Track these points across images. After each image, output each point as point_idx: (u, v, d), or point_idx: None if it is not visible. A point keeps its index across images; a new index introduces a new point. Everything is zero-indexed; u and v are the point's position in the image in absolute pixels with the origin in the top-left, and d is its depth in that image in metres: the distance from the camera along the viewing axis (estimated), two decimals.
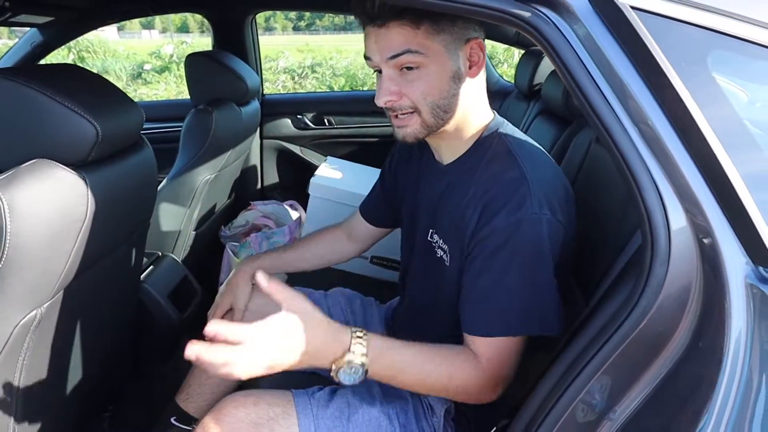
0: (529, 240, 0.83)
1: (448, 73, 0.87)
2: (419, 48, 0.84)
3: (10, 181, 0.83)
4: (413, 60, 0.84)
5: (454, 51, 0.86)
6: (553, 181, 0.91)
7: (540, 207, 0.84)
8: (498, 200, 0.86)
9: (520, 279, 0.84)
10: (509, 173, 0.88)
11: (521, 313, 0.85)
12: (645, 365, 0.70)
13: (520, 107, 2.26)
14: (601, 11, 0.66)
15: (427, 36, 0.83)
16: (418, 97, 0.87)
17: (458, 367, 0.86)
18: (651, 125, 0.66)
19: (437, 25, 0.83)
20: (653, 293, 0.66)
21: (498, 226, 0.85)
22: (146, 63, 12.38)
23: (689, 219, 0.66)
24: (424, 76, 0.86)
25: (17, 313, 0.89)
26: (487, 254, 0.86)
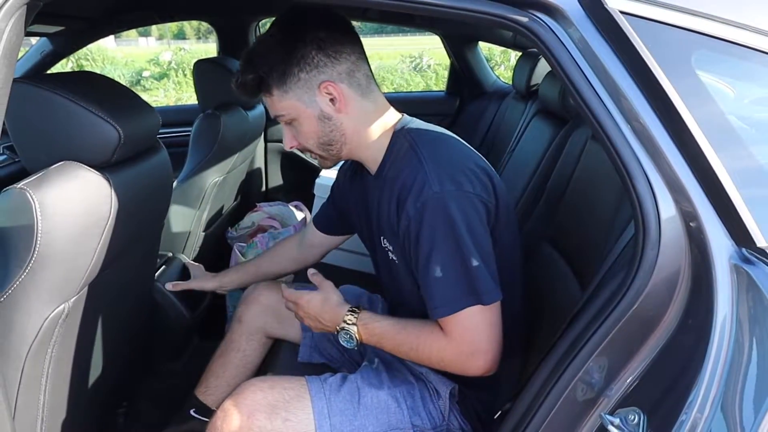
0: (440, 219, 0.90)
1: (313, 118, 0.99)
2: (280, 111, 1.00)
3: (41, 182, 0.88)
4: (285, 119, 1.01)
5: (310, 99, 0.98)
6: (457, 158, 0.97)
7: (441, 185, 0.90)
8: (404, 190, 0.94)
9: (445, 258, 0.90)
10: (408, 164, 0.96)
11: (456, 289, 0.90)
12: (640, 343, 0.76)
13: (518, 108, 2.31)
14: (593, 16, 0.72)
15: (281, 98, 0.98)
16: (305, 142, 1.03)
17: (427, 339, 0.95)
18: (641, 121, 0.71)
19: (285, 86, 0.97)
20: (645, 275, 0.72)
21: (410, 214, 0.92)
22: (145, 70, 12.45)
23: (677, 206, 0.71)
24: (299, 127, 1.01)
25: (47, 307, 0.94)
26: (413, 243, 0.93)
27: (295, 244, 1.45)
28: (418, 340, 0.96)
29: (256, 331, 1.37)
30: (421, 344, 0.96)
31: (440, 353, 0.94)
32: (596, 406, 0.80)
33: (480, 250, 0.90)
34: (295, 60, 0.95)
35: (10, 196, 0.86)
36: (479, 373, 0.94)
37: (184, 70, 11.41)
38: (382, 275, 1.17)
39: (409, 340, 0.97)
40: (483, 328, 0.92)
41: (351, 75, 0.98)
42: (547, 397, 0.81)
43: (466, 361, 0.94)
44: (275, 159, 2.84)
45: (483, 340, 0.93)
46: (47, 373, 1.00)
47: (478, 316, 0.91)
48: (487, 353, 0.93)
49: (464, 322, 0.91)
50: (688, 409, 0.68)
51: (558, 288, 1.17)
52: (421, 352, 0.96)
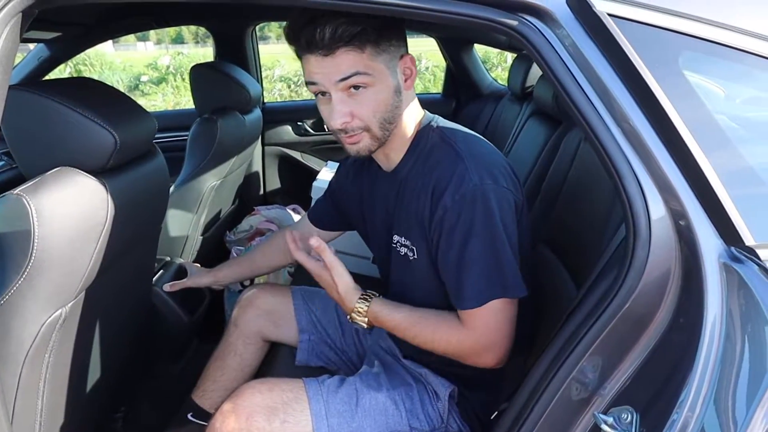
0: (479, 211, 0.91)
1: (391, 87, 0.94)
2: (366, 69, 0.90)
3: (37, 188, 0.89)
4: (362, 81, 0.90)
5: (393, 68, 0.94)
6: (490, 155, 0.99)
7: (480, 178, 0.91)
8: (441, 182, 0.94)
9: (480, 249, 0.91)
10: (446, 156, 0.96)
11: (487, 280, 0.92)
12: (632, 343, 0.76)
13: (513, 109, 2.32)
14: (582, 19, 0.72)
15: (371, 57, 0.90)
16: (369, 115, 0.93)
17: (446, 332, 0.96)
18: (631, 122, 0.72)
19: (378, 47, 0.91)
20: (636, 274, 0.72)
21: (447, 205, 0.92)
22: (143, 74, 12.46)
23: (667, 206, 0.72)
24: (372, 95, 0.92)
25: (44, 312, 0.94)
26: (446, 234, 0.94)
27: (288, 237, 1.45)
28: (434, 334, 0.98)
29: (253, 334, 1.37)
30: (438, 337, 0.97)
31: (458, 344, 0.96)
32: (590, 405, 0.80)
33: (511, 244, 0.92)
34: (387, 27, 0.91)
35: (7, 202, 0.86)
36: (490, 366, 0.96)
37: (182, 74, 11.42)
38: (390, 273, 1.15)
39: (425, 333, 0.98)
40: (504, 323, 0.94)
41: None
42: (541, 397, 0.82)
43: (482, 354, 0.95)
44: (273, 163, 2.84)
45: (502, 334, 0.95)
46: (45, 377, 1.00)
47: (503, 310, 0.93)
48: (502, 348, 0.95)
49: (489, 314, 0.93)
50: (680, 408, 0.69)
51: (554, 288, 1.18)
52: (438, 344, 0.98)
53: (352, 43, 0.88)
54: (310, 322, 1.35)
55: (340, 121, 0.93)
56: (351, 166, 1.25)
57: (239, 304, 1.40)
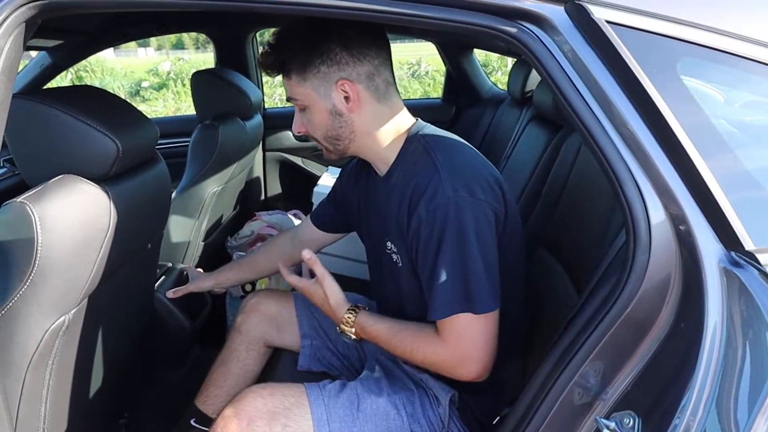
0: (451, 223, 0.91)
1: (325, 111, 1.01)
2: (294, 95, 1.02)
3: (40, 196, 0.89)
4: (297, 104, 1.03)
5: (325, 92, 1.00)
6: (471, 166, 0.99)
7: (455, 191, 0.92)
8: (416, 193, 0.95)
9: (452, 261, 0.91)
10: (423, 167, 0.97)
11: (453, 293, 0.92)
12: (633, 347, 0.77)
13: (513, 114, 2.33)
14: (580, 26, 0.73)
15: (297, 84, 1.00)
16: (312, 131, 1.06)
17: (423, 343, 0.98)
18: (630, 128, 0.72)
19: (303, 74, 0.99)
20: (637, 279, 0.73)
21: (421, 216, 0.94)
22: (144, 80, 12.49)
23: (667, 211, 0.72)
24: (309, 116, 1.03)
25: (47, 319, 0.94)
26: (422, 245, 0.95)
27: (290, 239, 1.46)
28: (413, 345, 0.99)
29: (256, 340, 1.37)
30: (417, 348, 0.99)
31: (434, 356, 0.97)
32: (592, 410, 0.80)
33: (484, 260, 0.92)
34: (319, 52, 0.97)
35: (11, 209, 0.87)
36: (469, 379, 0.96)
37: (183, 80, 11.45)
38: (381, 277, 1.17)
39: (404, 344, 1.00)
40: (476, 337, 0.93)
41: (370, 78, 1.00)
42: (543, 402, 0.82)
43: (458, 367, 0.96)
44: (274, 168, 2.85)
45: (476, 348, 0.94)
46: (48, 384, 1.01)
47: (473, 324, 0.92)
48: (479, 362, 0.94)
49: (458, 327, 0.93)
50: (682, 412, 0.69)
51: (555, 293, 1.18)
52: (416, 355, 0.99)
53: (280, 71, 1.01)
54: (312, 327, 1.35)
55: (296, 130, 1.08)
56: (353, 169, 1.27)
57: (242, 310, 1.40)
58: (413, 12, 0.74)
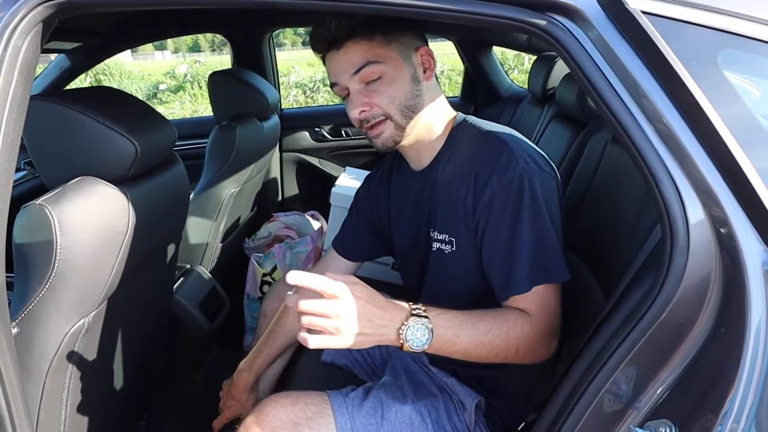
0: (527, 194, 0.90)
1: (407, 76, 0.96)
2: (377, 58, 0.93)
3: (59, 198, 0.88)
4: (374, 70, 0.93)
5: (407, 57, 0.97)
6: (530, 145, 1.00)
7: (526, 163, 0.92)
8: (485, 168, 0.93)
9: (529, 231, 0.90)
10: (489, 143, 0.96)
11: (537, 263, 0.90)
12: (669, 353, 0.73)
13: (534, 112, 2.29)
14: (614, 17, 0.70)
15: (381, 46, 0.93)
16: (387, 102, 0.95)
17: (515, 322, 0.89)
18: (666, 123, 0.69)
19: (388, 36, 0.94)
20: (674, 283, 0.69)
21: (494, 189, 0.92)
22: (161, 83, 12.63)
23: (706, 211, 0.69)
24: (388, 83, 0.94)
25: (67, 322, 0.94)
26: (495, 219, 0.92)
27: None
28: (506, 323, 0.88)
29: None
30: (511, 326, 0.88)
31: (529, 333, 0.89)
32: (625, 418, 0.77)
33: (555, 230, 0.92)
34: (397, 18, 0.92)
35: (30, 212, 0.87)
36: (549, 356, 0.94)
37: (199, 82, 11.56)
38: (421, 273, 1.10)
39: (494, 326, 0.87)
40: (556, 307, 0.93)
41: (431, 55, 1.01)
42: (574, 409, 0.79)
43: (549, 342, 0.93)
44: (291, 169, 2.84)
45: (558, 318, 0.93)
46: (68, 387, 1.00)
47: (554, 294, 0.93)
48: (557, 332, 0.94)
49: (544, 299, 0.92)
50: (724, 419, 0.66)
51: (581, 295, 1.14)
52: (511, 336, 0.87)
53: (359, 32, 0.91)
54: None
55: (358, 110, 0.95)
56: (378, 176, 1.23)
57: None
58: (440, 5, 0.72)
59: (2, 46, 0.72)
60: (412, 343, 0.81)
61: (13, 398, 0.82)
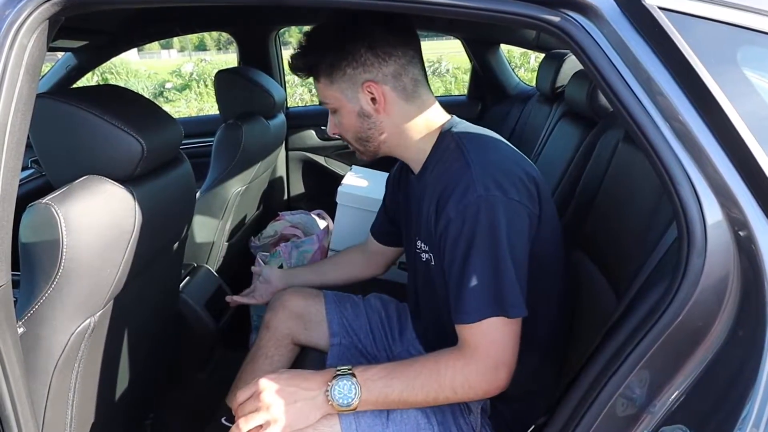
0: (482, 223, 0.87)
1: (352, 113, 1.01)
2: (324, 99, 1.03)
3: (65, 197, 0.88)
4: (328, 107, 1.04)
5: (353, 95, 1.00)
6: (505, 163, 0.94)
7: (486, 189, 0.88)
8: (446, 191, 0.92)
9: (483, 262, 0.87)
10: (454, 164, 0.94)
11: (488, 295, 0.87)
12: (685, 357, 0.72)
13: (542, 110, 2.27)
14: (629, 13, 0.68)
15: (326, 87, 1.01)
16: (344, 133, 1.06)
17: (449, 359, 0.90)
18: (683, 121, 0.67)
19: (331, 77, 0.99)
20: (691, 285, 0.68)
21: (450, 215, 0.90)
22: (167, 82, 12.68)
23: (724, 212, 0.67)
24: (339, 118, 1.04)
25: (73, 322, 0.93)
26: (450, 245, 0.91)
27: (360, 251, 1.47)
28: (437, 364, 0.91)
29: (284, 337, 1.35)
30: (441, 367, 0.90)
31: (464, 370, 0.89)
32: (639, 423, 0.76)
33: (515, 261, 0.88)
34: (344, 54, 0.97)
35: (36, 211, 0.86)
36: (500, 389, 0.91)
37: (205, 80, 11.59)
38: (415, 279, 1.14)
39: (424, 370, 0.91)
40: (507, 340, 0.90)
41: (397, 78, 0.99)
42: (586, 413, 0.78)
43: (492, 377, 0.90)
44: (297, 168, 2.83)
45: (507, 353, 0.90)
46: (74, 387, 1.00)
47: (503, 327, 0.89)
48: (509, 367, 0.90)
49: (491, 332, 0.88)
50: (743, 424, 0.65)
51: (591, 296, 1.13)
52: (442, 376, 0.90)
53: (309, 74, 1.02)
54: (341, 326, 1.33)
55: (330, 131, 1.08)
56: (396, 174, 1.28)
57: (271, 307, 1.39)
58: (451, 2, 0.70)
59: (8, 44, 0.71)
60: (341, 400, 0.89)
61: (18, 398, 0.81)
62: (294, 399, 0.90)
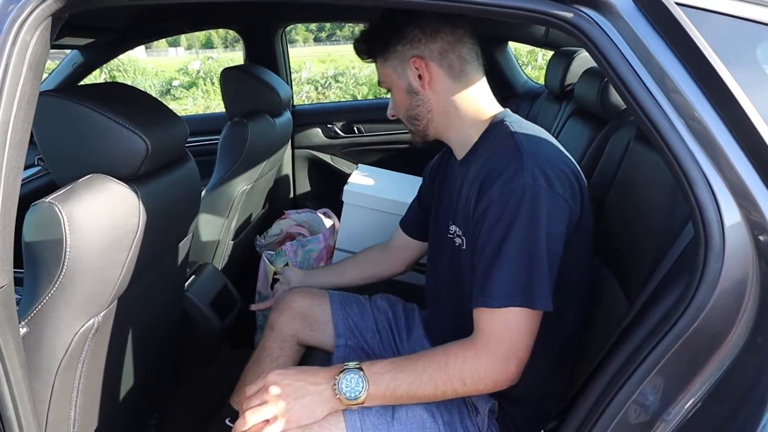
0: (524, 210, 0.86)
1: (402, 90, 1.05)
2: (381, 77, 1.09)
3: (69, 196, 0.87)
4: (384, 86, 1.09)
5: (402, 71, 1.04)
6: (553, 158, 0.94)
7: (534, 178, 0.87)
8: (493, 173, 0.91)
9: (517, 249, 0.86)
10: (505, 149, 0.94)
11: (518, 284, 0.86)
12: (701, 364, 0.70)
13: (551, 108, 2.24)
14: (646, 9, 0.66)
15: (382, 66, 1.07)
16: (396, 112, 1.11)
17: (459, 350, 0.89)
18: (700, 120, 0.65)
19: (385, 55, 1.05)
20: (708, 290, 0.66)
21: (493, 198, 0.89)
22: (174, 79, 12.69)
23: (743, 214, 0.65)
24: (393, 97, 1.09)
25: (77, 322, 0.92)
26: (487, 227, 0.90)
27: (379, 249, 1.49)
28: (446, 356, 0.89)
29: (289, 338, 1.34)
30: (451, 358, 0.89)
31: (475, 360, 0.88)
32: (652, 431, 0.74)
33: (550, 254, 0.87)
34: (396, 33, 1.02)
35: (39, 210, 0.85)
36: (510, 381, 0.89)
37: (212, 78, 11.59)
38: (439, 262, 1.14)
39: (432, 362, 0.90)
40: (524, 333, 0.88)
41: (443, 55, 1.01)
42: (598, 420, 0.76)
43: (502, 367, 0.88)
44: (303, 166, 2.82)
45: (521, 345, 0.88)
46: (78, 388, 0.99)
47: (524, 318, 0.87)
48: (521, 361, 0.88)
49: (510, 320, 0.87)
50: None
51: (602, 299, 1.11)
52: (451, 367, 0.88)
53: (369, 56, 1.08)
54: (347, 327, 1.32)
55: (389, 113, 1.13)
56: (435, 164, 1.30)
57: (276, 307, 1.37)
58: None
59: (10, 41, 0.70)
60: (348, 393, 0.89)
61: (20, 400, 0.80)
62: (302, 394, 0.90)
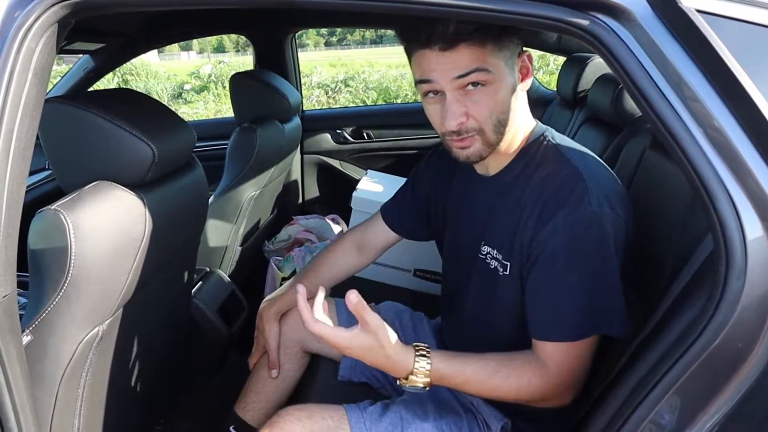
0: (594, 238, 0.83)
1: (508, 86, 0.87)
2: (486, 65, 0.83)
3: (74, 203, 0.86)
4: (480, 78, 0.84)
5: (512, 66, 0.88)
6: (609, 179, 0.91)
7: (599, 205, 0.83)
8: (554, 200, 0.86)
9: (585, 280, 0.83)
10: (563, 173, 0.88)
11: (588, 315, 0.83)
12: (721, 384, 0.67)
13: (564, 115, 2.22)
14: (665, 16, 0.64)
15: (492, 53, 0.84)
16: (485, 116, 0.87)
17: (525, 378, 0.86)
18: (721, 130, 0.63)
19: (500, 43, 0.84)
20: (729, 307, 0.63)
21: (557, 227, 0.84)
22: (186, 83, 12.79)
23: (766, 227, 0.63)
24: (490, 93, 0.85)
25: (81, 330, 0.91)
26: (548, 256, 0.85)
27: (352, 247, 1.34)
28: (511, 368, 0.86)
29: (293, 345, 1.32)
30: (513, 373, 0.86)
31: (537, 383, 0.85)
32: None
33: (618, 279, 0.84)
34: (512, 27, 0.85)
35: (45, 217, 0.84)
36: (560, 406, 0.88)
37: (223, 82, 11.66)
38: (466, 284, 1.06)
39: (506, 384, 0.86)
40: (583, 361, 0.86)
41: None
42: None
43: (566, 392, 0.87)
44: (312, 171, 2.81)
45: (581, 373, 0.87)
46: (82, 396, 0.98)
47: (593, 346, 0.86)
48: (575, 388, 0.88)
49: (581, 349, 0.85)
50: None
51: None
52: (510, 382, 0.86)
53: (474, 37, 0.81)
54: None
55: (455, 122, 0.86)
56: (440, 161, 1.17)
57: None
58: (476, 5, 0.67)
59: (15, 48, 0.70)
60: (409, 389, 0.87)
61: (22, 410, 0.79)
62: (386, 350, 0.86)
